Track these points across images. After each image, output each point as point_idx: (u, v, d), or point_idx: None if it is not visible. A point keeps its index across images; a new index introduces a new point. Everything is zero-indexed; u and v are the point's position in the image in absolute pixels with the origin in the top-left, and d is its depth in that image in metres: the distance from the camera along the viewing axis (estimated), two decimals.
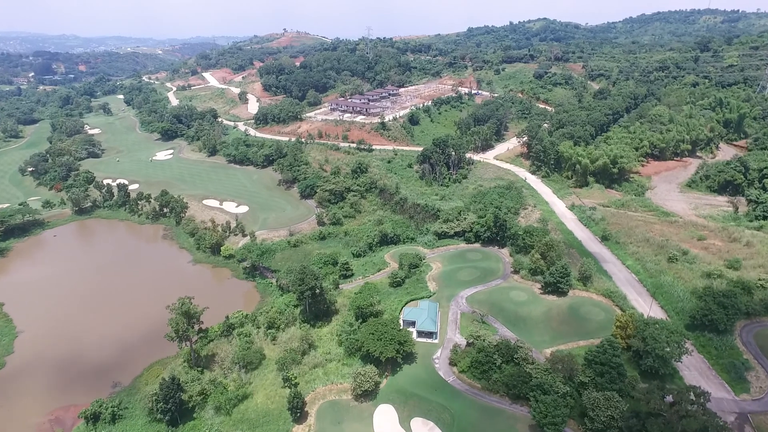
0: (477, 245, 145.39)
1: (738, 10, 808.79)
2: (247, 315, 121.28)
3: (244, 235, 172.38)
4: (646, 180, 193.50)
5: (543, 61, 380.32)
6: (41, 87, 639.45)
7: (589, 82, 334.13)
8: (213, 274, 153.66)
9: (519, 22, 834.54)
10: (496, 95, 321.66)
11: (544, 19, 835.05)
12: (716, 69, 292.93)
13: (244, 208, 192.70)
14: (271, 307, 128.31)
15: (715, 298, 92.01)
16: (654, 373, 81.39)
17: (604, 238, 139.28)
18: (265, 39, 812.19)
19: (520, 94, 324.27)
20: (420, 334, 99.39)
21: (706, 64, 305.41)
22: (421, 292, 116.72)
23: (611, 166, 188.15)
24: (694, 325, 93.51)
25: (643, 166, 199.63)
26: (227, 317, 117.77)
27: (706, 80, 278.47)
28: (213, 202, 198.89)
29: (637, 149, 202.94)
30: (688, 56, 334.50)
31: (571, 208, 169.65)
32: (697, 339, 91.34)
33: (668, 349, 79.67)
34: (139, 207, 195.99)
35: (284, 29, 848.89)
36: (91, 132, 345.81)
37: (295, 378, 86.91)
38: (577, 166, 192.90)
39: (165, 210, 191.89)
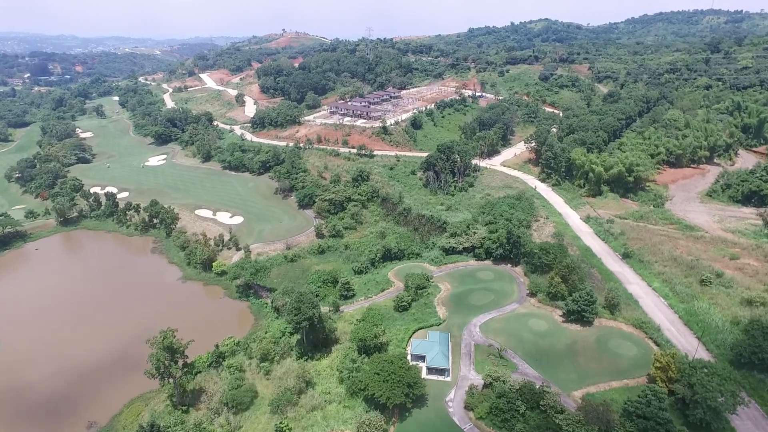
0: (488, 263, 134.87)
1: (741, 11, 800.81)
2: (239, 342, 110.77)
3: (238, 249, 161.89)
4: (663, 189, 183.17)
5: (548, 63, 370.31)
6: (36, 88, 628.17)
7: (596, 84, 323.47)
8: (204, 292, 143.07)
9: (520, 22, 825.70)
10: (500, 98, 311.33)
11: (546, 19, 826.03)
12: (729, 71, 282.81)
13: (238, 219, 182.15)
14: (266, 332, 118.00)
15: (765, 333, 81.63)
16: (704, 426, 70.80)
17: (626, 256, 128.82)
18: (264, 39, 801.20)
19: (525, 97, 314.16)
20: (430, 370, 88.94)
21: (719, 66, 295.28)
22: (430, 319, 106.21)
23: (627, 174, 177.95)
24: (741, 363, 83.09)
25: (659, 173, 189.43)
26: (217, 346, 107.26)
27: (720, 83, 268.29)
28: (206, 213, 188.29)
29: (652, 156, 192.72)
30: (698, 58, 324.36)
31: (587, 220, 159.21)
32: (746, 380, 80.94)
33: (721, 399, 69.33)
34: (128, 217, 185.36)
35: (283, 30, 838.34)
36: (82, 136, 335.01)
37: (290, 430, 76.33)
38: (590, 174, 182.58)
39: (155, 221, 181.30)
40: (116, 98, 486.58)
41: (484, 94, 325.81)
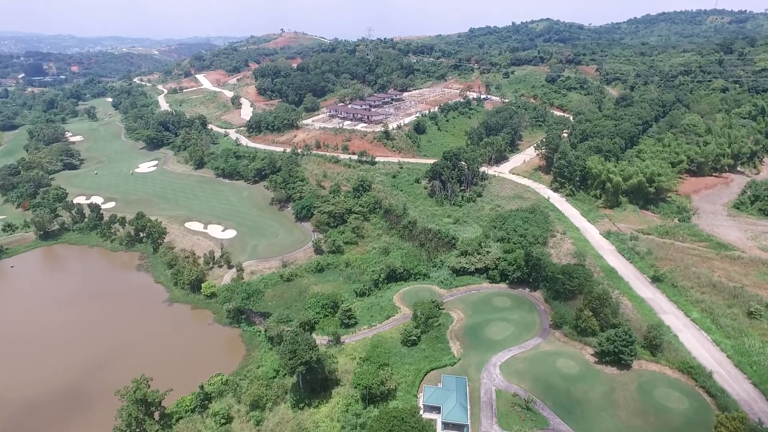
0: (503, 286, 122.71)
1: (745, 11, 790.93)
2: (227, 381, 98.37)
3: (230, 267, 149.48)
4: (686, 200, 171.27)
5: (554, 64, 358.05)
6: (29, 89, 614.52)
7: (606, 87, 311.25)
8: (191, 317, 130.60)
9: (522, 22, 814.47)
10: (506, 100, 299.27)
11: (548, 19, 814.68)
12: (746, 73, 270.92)
13: (231, 233, 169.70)
14: (258, 366, 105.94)
15: None
16: None
17: (656, 279, 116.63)
18: (262, 39, 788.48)
19: (532, 100, 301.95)
20: (447, 426, 76.74)
21: (734, 68, 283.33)
22: (443, 358, 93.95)
23: (647, 185, 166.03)
24: None
25: (680, 183, 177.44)
26: (201, 386, 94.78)
27: (737, 85, 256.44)
28: (196, 225, 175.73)
29: (673, 164, 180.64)
30: (711, 59, 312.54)
31: (607, 235, 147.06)
32: None
33: None
34: (113, 231, 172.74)
35: (281, 29, 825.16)
36: (72, 139, 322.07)
37: None
38: (608, 184, 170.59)
39: (141, 235, 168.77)
40: (110, 99, 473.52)
41: (489, 96, 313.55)
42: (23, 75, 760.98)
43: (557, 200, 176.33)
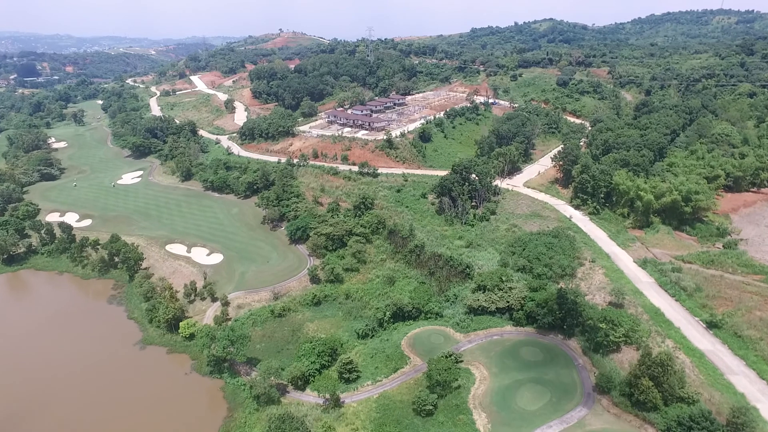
0: (531, 331, 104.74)
1: (753, 11, 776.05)
2: None
3: (214, 300, 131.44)
4: (725, 220, 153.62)
5: (564, 66, 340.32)
6: (20, 90, 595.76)
7: (622, 92, 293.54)
8: (166, 364, 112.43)
9: (524, 22, 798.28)
10: (516, 105, 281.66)
11: (551, 19, 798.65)
12: None
13: (217, 257, 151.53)
14: None
15: None
16: None
17: (713, 325, 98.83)
18: (260, 39, 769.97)
19: (543, 105, 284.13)
20: None
21: (761, 71, 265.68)
22: None
23: (683, 203, 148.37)
24: None
25: (718, 201, 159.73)
26: None
27: (766, 89, 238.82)
28: (179, 248, 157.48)
29: (708, 180, 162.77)
30: (733, 61, 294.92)
31: (643, 264, 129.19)
32: None
33: None
34: (85, 255, 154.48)
35: (280, 29, 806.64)
36: (55, 146, 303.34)
37: None
38: (637, 202, 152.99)
39: (116, 259, 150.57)
40: (101, 102, 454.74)
41: (497, 101, 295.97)
42: (15, 75, 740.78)
43: (579, 219, 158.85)
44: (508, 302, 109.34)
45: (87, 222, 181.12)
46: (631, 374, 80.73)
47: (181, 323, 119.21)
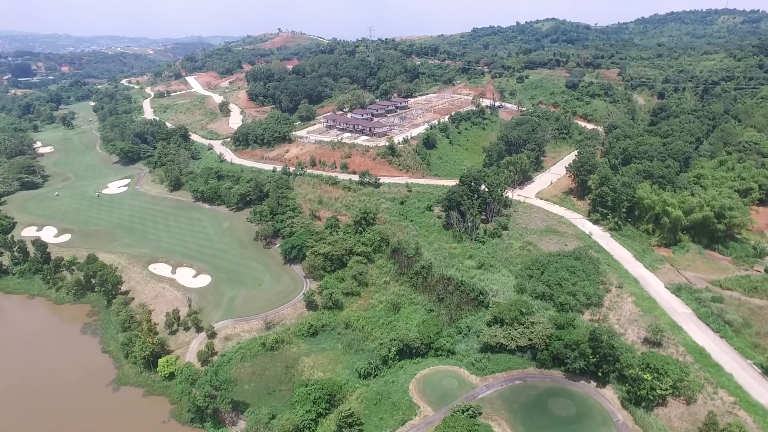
0: (557, 374, 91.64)
1: (758, 10, 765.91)
2: None
3: (199, 330, 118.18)
4: (761, 237, 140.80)
5: (572, 68, 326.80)
6: (13, 91, 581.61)
7: (634, 94, 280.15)
8: (142, 408, 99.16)
9: (526, 22, 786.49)
10: (524, 109, 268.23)
11: (553, 19, 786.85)
12: None
13: (204, 279, 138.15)
14: None
15: None
16: None
17: None
18: (259, 39, 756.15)
19: (553, 108, 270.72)
20: None
21: None
22: None
23: (715, 220, 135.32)
24: None
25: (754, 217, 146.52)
26: None
27: None
28: (163, 269, 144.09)
29: (740, 193, 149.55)
30: (750, 63, 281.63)
31: (677, 291, 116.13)
32: None
33: None
34: (59, 276, 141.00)
35: (279, 29, 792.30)
36: (41, 150, 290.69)
37: None
38: (664, 218, 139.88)
39: (93, 281, 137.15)
40: (93, 104, 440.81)
41: (503, 104, 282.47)
42: (9, 75, 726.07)
43: (600, 235, 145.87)
44: (531, 340, 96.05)
45: (66, 237, 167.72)
46: None
47: (160, 360, 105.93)
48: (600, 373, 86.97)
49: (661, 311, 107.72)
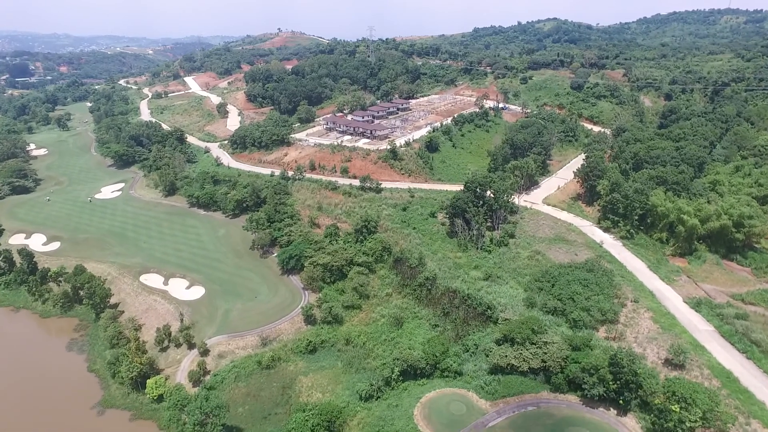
0: (574, 400, 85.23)
1: (761, 10, 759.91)
2: None
3: (191, 347, 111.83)
4: None
5: (577, 68, 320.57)
6: (10, 91, 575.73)
7: (641, 96, 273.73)
8: None
9: (528, 22, 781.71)
10: (528, 110, 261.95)
11: (555, 19, 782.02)
12: None
13: (198, 291, 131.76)
14: None
15: None
16: None
17: None
18: (258, 39, 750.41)
19: (558, 110, 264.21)
20: None
21: None
22: None
23: (734, 229, 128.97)
24: None
25: None
26: None
27: None
28: (155, 280, 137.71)
29: (758, 200, 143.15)
30: (760, 63, 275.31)
31: (696, 306, 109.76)
32: None
33: None
34: (46, 288, 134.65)
35: (278, 29, 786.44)
36: (35, 153, 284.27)
37: None
38: (679, 226, 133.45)
39: (81, 293, 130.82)
40: (90, 104, 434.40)
41: (507, 105, 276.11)
42: (7, 76, 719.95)
43: (611, 244, 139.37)
44: (544, 362, 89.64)
45: (55, 245, 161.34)
46: None
47: (148, 381, 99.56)
48: (621, 401, 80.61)
49: (682, 328, 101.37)
